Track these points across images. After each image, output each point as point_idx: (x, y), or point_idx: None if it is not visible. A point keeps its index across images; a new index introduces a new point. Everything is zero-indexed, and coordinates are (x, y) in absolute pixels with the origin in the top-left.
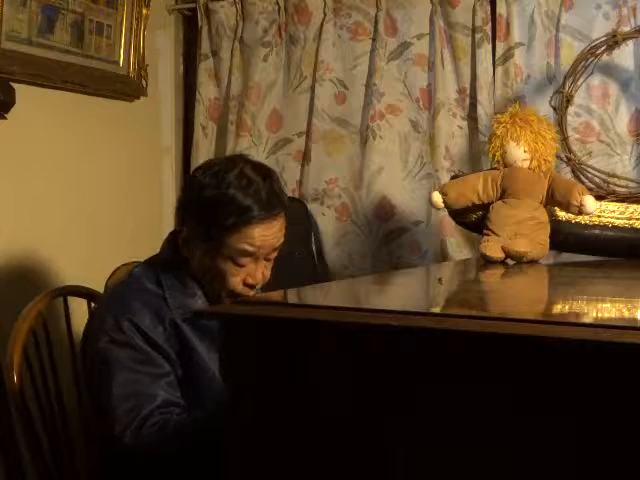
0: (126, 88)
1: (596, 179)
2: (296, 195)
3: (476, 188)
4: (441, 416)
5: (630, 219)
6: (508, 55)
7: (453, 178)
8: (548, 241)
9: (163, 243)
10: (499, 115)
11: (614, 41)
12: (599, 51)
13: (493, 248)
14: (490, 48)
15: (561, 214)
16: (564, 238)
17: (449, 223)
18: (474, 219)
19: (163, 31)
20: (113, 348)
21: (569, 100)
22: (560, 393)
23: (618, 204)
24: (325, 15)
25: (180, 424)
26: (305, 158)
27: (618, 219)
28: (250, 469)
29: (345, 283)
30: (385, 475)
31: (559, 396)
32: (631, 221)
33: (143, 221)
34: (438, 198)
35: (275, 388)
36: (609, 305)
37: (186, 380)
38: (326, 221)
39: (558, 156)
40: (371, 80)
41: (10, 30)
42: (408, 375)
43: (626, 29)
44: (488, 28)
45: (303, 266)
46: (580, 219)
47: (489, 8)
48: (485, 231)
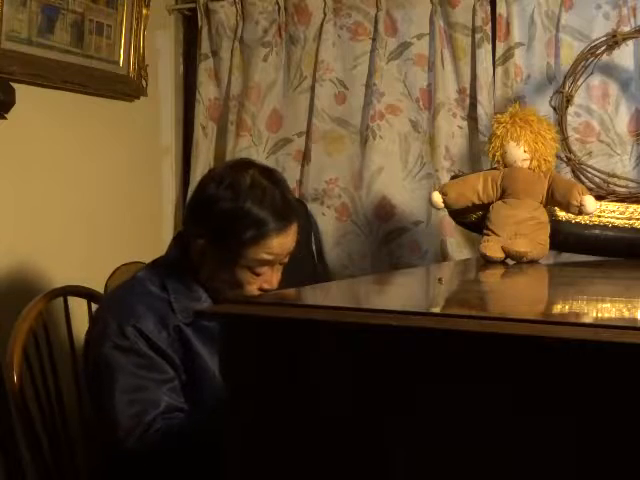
0: (126, 88)
1: (596, 179)
2: (296, 195)
3: (476, 188)
4: (441, 416)
5: (630, 219)
6: (508, 55)
7: (453, 178)
8: (548, 241)
9: (169, 245)
10: (499, 115)
11: (614, 41)
12: (599, 51)
13: (493, 248)
14: (490, 48)
15: (561, 214)
16: (564, 238)
17: (449, 223)
18: (474, 219)
19: (163, 31)
20: (116, 354)
21: (569, 100)
22: (560, 393)
23: (618, 204)
24: (325, 15)
25: (183, 427)
26: (305, 158)
27: (618, 219)
28: (250, 469)
29: (345, 283)
30: (385, 475)
31: (559, 396)
32: (631, 221)
33: (143, 221)
34: (438, 198)
35: (275, 388)
36: (609, 305)
37: (190, 385)
38: (326, 221)
39: (558, 156)
40: (371, 80)
41: (10, 30)
42: (408, 375)
43: (626, 29)
44: (488, 28)
45: (303, 266)
46: (580, 219)
47: (489, 8)
48: (485, 231)
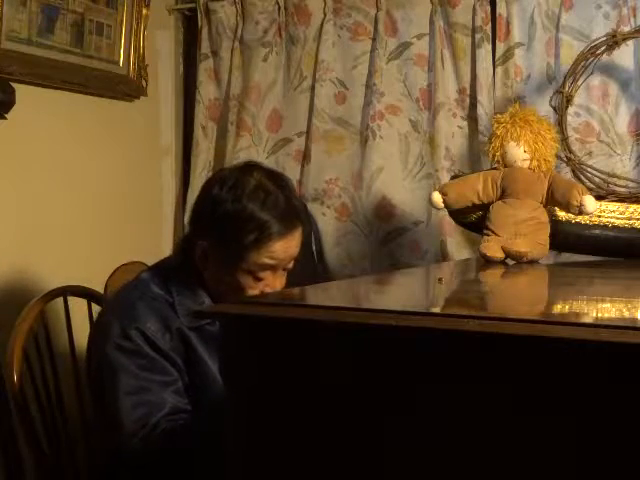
0: (126, 88)
1: (596, 179)
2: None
3: (476, 188)
4: (441, 416)
5: (630, 219)
6: (508, 55)
7: (453, 178)
8: (548, 241)
9: (175, 247)
10: (499, 115)
11: (614, 41)
12: (599, 51)
13: (493, 248)
14: (490, 48)
15: (561, 214)
16: (564, 238)
17: (449, 223)
18: (474, 219)
19: (163, 31)
20: (120, 356)
21: (569, 100)
22: (560, 393)
23: (618, 204)
24: (325, 15)
25: (186, 429)
26: (305, 158)
27: (618, 219)
28: (250, 469)
29: (345, 283)
30: (385, 475)
31: (559, 396)
32: (631, 221)
33: (143, 221)
34: (438, 198)
35: (275, 388)
36: (609, 305)
37: (192, 387)
38: (326, 221)
39: (558, 156)
40: (371, 80)
41: (10, 30)
42: (408, 375)
43: (626, 29)
44: (488, 28)
45: (303, 266)
46: (580, 219)
47: (489, 8)
48: (485, 231)
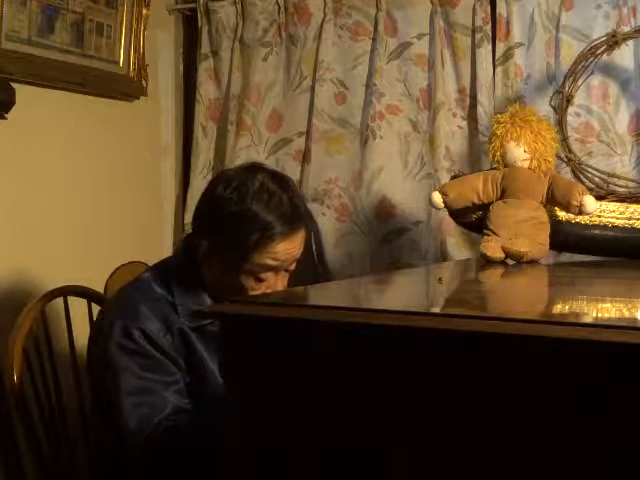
0: (126, 88)
1: (596, 179)
2: None
3: (476, 188)
4: (441, 416)
5: (630, 219)
6: (508, 55)
7: (453, 178)
8: (548, 241)
9: (177, 247)
10: (499, 115)
11: (614, 41)
12: (599, 51)
13: (493, 248)
14: (490, 48)
15: (561, 214)
16: (564, 238)
17: (449, 223)
18: (474, 219)
19: (163, 31)
20: (122, 355)
21: (569, 100)
22: (560, 393)
23: (618, 204)
24: (325, 15)
25: (188, 429)
26: (305, 158)
27: (618, 219)
28: (250, 468)
29: (345, 283)
30: (385, 475)
31: (559, 396)
32: (631, 221)
33: (143, 221)
34: (438, 198)
35: (275, 388)
36: (609, 305)
37: (192, 387)
38: (326, 221)
39: (558, 156)
40: (371, 80)
41: (10, 30)
42: (408, 375)
43: (626, 29)
44: (488, 28)
45: (303, 266)
46: (580, 219)
47: (489, 8)
48: (485, 231)
